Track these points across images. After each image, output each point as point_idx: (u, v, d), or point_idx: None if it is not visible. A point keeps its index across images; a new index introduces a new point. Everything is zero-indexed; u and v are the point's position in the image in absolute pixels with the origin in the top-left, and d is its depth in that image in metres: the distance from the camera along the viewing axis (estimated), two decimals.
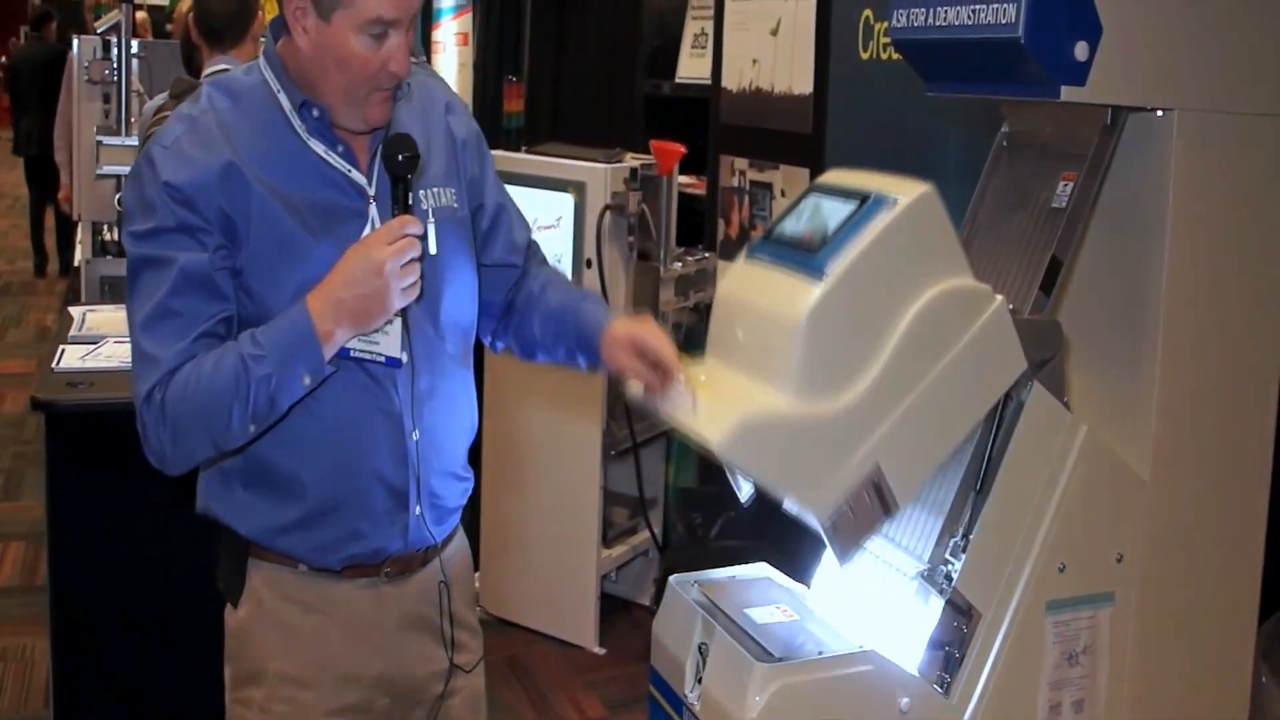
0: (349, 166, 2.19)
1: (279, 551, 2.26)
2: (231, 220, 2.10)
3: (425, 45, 7.75)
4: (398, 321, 2.16)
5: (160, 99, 4.09)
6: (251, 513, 2.24)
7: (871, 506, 2.09)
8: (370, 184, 2.20)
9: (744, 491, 2.25)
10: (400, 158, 2.14)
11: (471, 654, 2.46)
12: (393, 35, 2.10)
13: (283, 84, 2.18)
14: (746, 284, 2.22)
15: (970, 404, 2.14)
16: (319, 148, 2.17)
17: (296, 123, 2.17)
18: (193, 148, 2.11)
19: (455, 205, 2.32)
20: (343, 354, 2.13)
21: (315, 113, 2.16)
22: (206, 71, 3.99)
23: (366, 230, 2.18)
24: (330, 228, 2.16)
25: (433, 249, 2.22)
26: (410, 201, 2.16)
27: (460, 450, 2.41)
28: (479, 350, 2.48)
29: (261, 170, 2.13)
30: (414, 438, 2.25)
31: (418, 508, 2.28)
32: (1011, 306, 2.15)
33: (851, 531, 2.10)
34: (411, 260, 2.10)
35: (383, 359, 2.18)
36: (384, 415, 2.22)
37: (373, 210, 2.19)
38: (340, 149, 2.19)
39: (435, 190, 2.28)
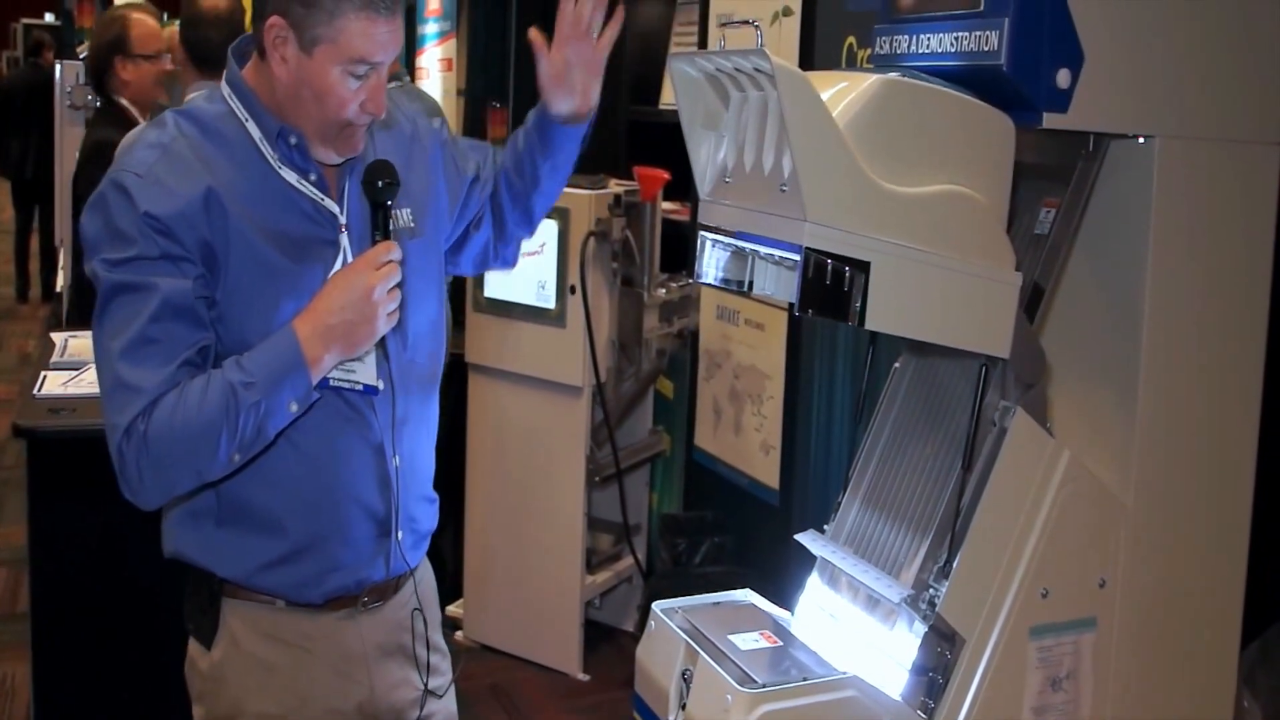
0: (320, 195, 2.18)
1: (256, 589, 2.24)
2: (212, 249, 2.07)
3: (410, 71, 7.75)
4: (374, 349, 2.16)
5: (141, 127, 4.08)
6: (229, 552, 2.22)
7: (839, 282, 2.04)
8: (342, 212, 2.20)
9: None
10: (380, 184, 2.15)
11: (443, 676, 2.48)
12: (373, 75, 2.10)
13: (251, 112, 2.16)
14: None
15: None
16: (291, 177, 2.16)
17: (267, 151, 2.15)
18: (170, 176, 2.07)
19: (412, 225, 2.32)
20: (322, 384, 2.12)
21: (293, 140, 2.14)
22: (191, 96, 3.98)
23: (339, 260, 2.17)
24: (304, 257, 2.15)
25: None
26: (390, 228, 2.16)
27: (431, 472, 2.41)
28: (462, 377, 2.50)
29: (236, 199, 2.10)
30: (395, 463, 2.24)
31: (399, 533, 2.27)
32: None
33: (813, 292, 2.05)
34: (394, 286, 2.10)
35: (360, 387, 2.17)
36: (365, 444, 2.22)
37: (344, 239, 2.19)
38: (313, 177, 2.17)
39: (394, 213, 2.26)
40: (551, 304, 4.66)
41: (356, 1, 2.04)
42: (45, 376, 3.69)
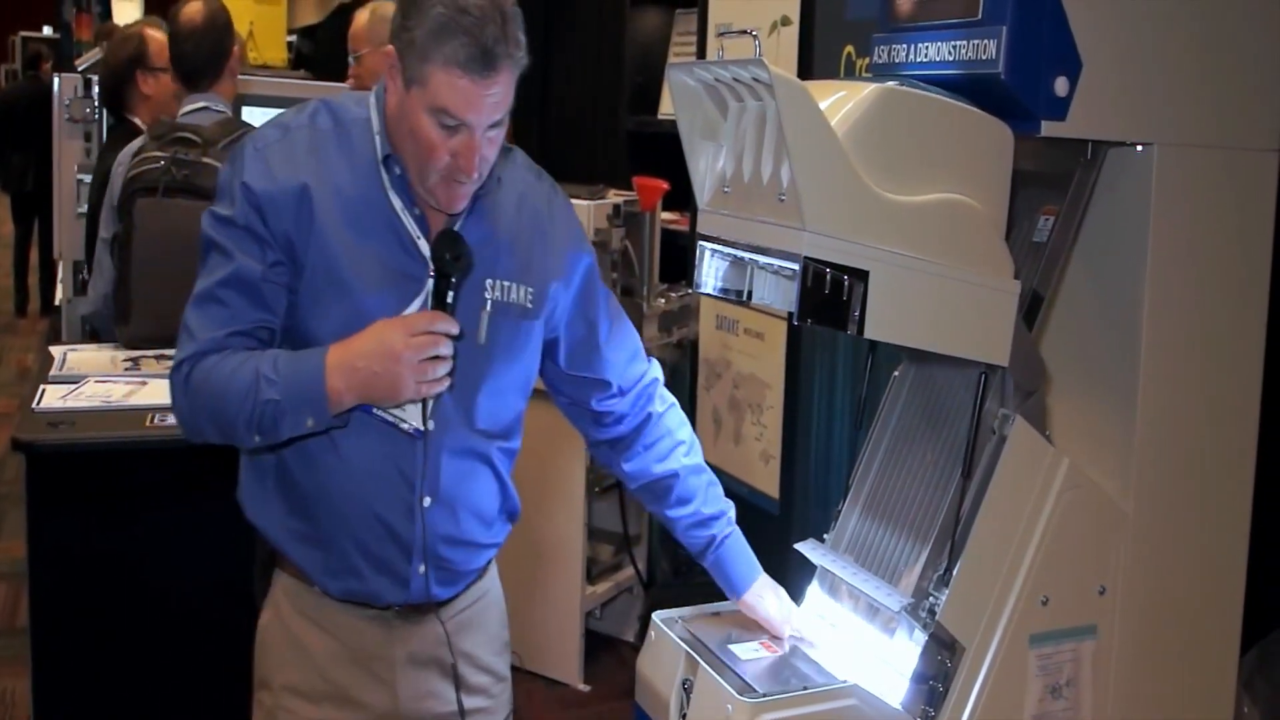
0: (419, 233, 2.17)
1: (295, 563, 2.28)
2: (293, 243, 2.12)
3: None
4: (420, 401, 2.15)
5: (139, 141, 4.06)
6: (274, 513, 2.27)
7: (838, 291, 2.04)
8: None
9: None
10: (447, 256, 2.10)
11: (493, 699, 2.49)
12: (463, 131, 2.07)
13: (381, 128, 2.17)
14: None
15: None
16: (397, 203, 2.16)
17: (382, 171, 2.16)
18: (277, 161, 2.13)
19: (528, 305, 2.28)
20: (365, 409, 2.13)
21: (397, 170, 2.15)
22: (184, 110, 3.97)
23: (419, 300, 2.16)
24: (388, 282, 2.15)
25: (482, 338, 2.21)
26: (450, 300, 2.11)
27: (479, 524, 2.37)
28: None
29: (334, 206, 2.12)
30: (424, 503, 2.23)
31: (421, 567, 2.27)
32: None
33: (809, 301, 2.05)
34: (436, 357, 2.07)
35: (406, 425, 2.17)
36: (399, 473, 2.21)
37: (431, 285, 2.16)
38: (416, 211, 2.17)
39: (507, 284, 2.25)
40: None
41: (445, 53, 2.01)
42: (44, 390, 3.68)
